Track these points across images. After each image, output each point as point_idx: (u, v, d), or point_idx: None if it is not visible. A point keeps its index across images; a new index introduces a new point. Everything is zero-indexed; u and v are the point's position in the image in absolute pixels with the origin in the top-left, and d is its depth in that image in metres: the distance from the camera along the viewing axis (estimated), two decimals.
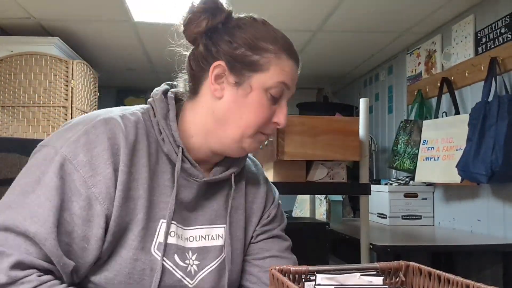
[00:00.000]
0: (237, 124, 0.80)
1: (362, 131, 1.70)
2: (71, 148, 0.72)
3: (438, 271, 0.73)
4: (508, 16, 2.04)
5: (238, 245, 0.89)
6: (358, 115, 1.76)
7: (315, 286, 0.72)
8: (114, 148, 0.73)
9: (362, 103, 1.73)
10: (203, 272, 0.82)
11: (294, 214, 3.15)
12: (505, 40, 2.05)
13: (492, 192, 2.11)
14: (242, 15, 0.86)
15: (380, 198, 2.62)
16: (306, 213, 2.88)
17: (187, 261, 0.81)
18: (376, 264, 0.78)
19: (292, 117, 1.60)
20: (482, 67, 2.16)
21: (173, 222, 0.79)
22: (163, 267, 0.77)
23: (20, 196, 0.69)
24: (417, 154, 2.51)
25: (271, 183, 1.02)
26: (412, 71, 2.90)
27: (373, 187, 2.61)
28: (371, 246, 1.79)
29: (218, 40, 0.82)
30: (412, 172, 2.55)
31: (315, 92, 4.54)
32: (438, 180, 2.34)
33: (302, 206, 3.10)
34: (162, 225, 0.78)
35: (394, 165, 2.66)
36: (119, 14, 2.47)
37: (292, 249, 0.98)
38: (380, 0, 2.27)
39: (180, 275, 0.79)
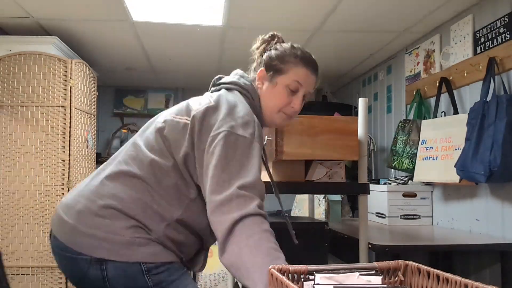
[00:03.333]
0: (268, 105, 1.30)
1: (361, 130, 1.70)
2: (251, 130, 1.13)
3: (436, 271, 0.73)
4: (506, 16, 2.04)
5: None
6: (357, 115, 1.76)
7: (314, 285, 0.72)
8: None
9: (361, 103, 1.73)
10: None
11: (293, 214, 3.15)
12: (503, 40, 2.05)
13: (491, 191, 2.12)
14: (283, 43, 1.35)
15: (379, 197, 2.62)
16: (305, 213, 2.88)
17: None
18: (375, 264, 0.79)
19: None
20: (480, 67, 2.16)
21: None
22: None
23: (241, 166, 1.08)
24: (415, 154, 2.51)
25: None
26: (410, 71, 2.90)
27: (372, 186, 2.62)
28: (370, 246, 1.79)
29: (264, 56, 1.33)
30: (410, 172, 2.56)
31: (314, 92, 4.54)
32: (437, 180, 2.34)
33: (301, 206, 3.10)
34: None
35: (393, 164, 2.66)
36: (118, 13, 2.47)
37: (291, 248, 1.01)
38: (379, 0, 2.27)
39: None
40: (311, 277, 0.75)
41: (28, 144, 2.54)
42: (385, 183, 2.69)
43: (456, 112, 2.34)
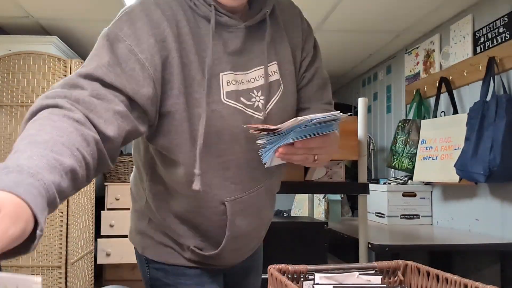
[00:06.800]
0: None
1: (360, 130, 1.70)
2: (116, 25, 0.84)
3: (436, 270, 0.73)
4: (506, 16, 2.04)
5: (289, 77, 0.98)
6: (357, 115, 1.76)
7: (314, 285, 0.72)
8: (153, 22, 0.83)
9: (361, 103, 1.73)
10: (270, 105, 0.94)
11: (292, 214, 3.15)
12: (503, 40, 2.05)
13: (490, 191, 2.12)
14: None
15: (379, 197, 2.62)
16: (305, 213, 2.88)
17: (252, 99, 0.92)
18: (375, 263, 0.79)
19: None
20: (480, 67, 2.16)
21: (230, 72, 0.89)
22: (236, 109, 0.89)
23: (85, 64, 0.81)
24: (415, 154, 2.51)
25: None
26: (410, 71, 2.90)
27: (372, 186, 2.62)
28: (370, 245, 1.79)
29: None
30: (410, 172, 2.56)
31: None
32: (436, 180, 2.34)
33: (301, 206, 3.10)
34: (222, 77, 0.88)
35: (393, 164, 2.66)
36: (117, 13, 2.47)
37: (291, 248, 1.00)
38: (378, 0, 2.27)
39: (250, 112, 0.91)
40: (310, 277, 0.75)
41: None
42: (384, 183, 2.69)
43: (455, 112, 2.34)
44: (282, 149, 0.79)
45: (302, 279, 0.75)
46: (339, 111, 0.80)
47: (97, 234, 3.27)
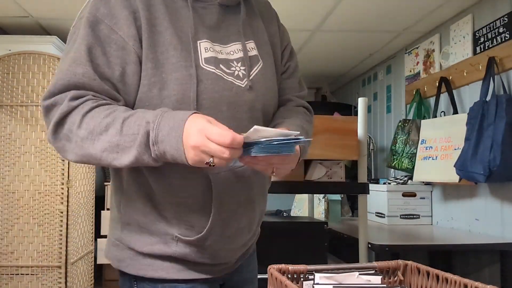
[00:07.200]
0: None
1: (360, 130, 1.71)
2: (92, 6, 0.86)
3: (436, 270, 0.73)
4: (506, 16, 2.04)
5: (267, 57, 1.02)
6: (357, 115, 1.76)
7: (314, 285, 0.73)
8: None
9: (361, 103, 1.74)
10: (251, 74, 0.96)
11: (292, 214, 3.15)
12: (503, 40, 2.05)
13: (490, 191, 2.12)
14: None
15: (379, 197, 2.62)
16: (305, 213, 2.88)
17: (232, 68, 0.94)
18: (375, 263, 0.79)
19: None
20: (480, 67, 2.16)
21: (207, 41, 0.92)
22: (215, 74, 0.90)
23: (63, 57, 0.87)
24: (415, 154, 2.51)
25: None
26: (410, 71, 2.90)
27: (372, 186, 2.62)
28: (370, 245, 1.79)
29: None
30: (410, 172, 2.56)
31: (314, 92, 4.55)
32: (436, 180, 2.34)
33: (301, 206, 3.10)
34: (200, 44, 0.90)
35: (393, 164, 2.66)
36: None
37: (291, 248, 0.99)
38: (378, 0, 2.27)
39: (231, 79, 0.92)
40: (310, 277, 0.75)
41: (28, 144, 2.54)
42: (384, 183, 2.69)
43: (455, 112, 2.34)
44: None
45: (302, 279, 0.75)
46: (299, 132, 0.83)
47: (97, 234, 3.27)
